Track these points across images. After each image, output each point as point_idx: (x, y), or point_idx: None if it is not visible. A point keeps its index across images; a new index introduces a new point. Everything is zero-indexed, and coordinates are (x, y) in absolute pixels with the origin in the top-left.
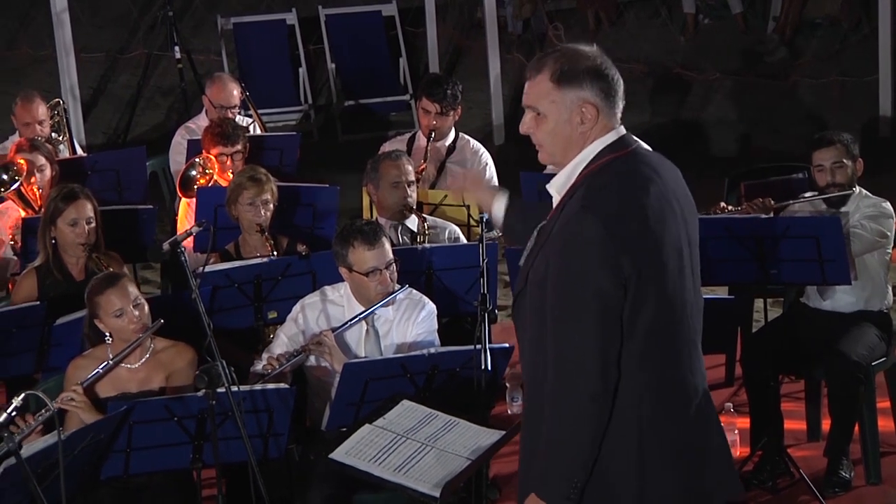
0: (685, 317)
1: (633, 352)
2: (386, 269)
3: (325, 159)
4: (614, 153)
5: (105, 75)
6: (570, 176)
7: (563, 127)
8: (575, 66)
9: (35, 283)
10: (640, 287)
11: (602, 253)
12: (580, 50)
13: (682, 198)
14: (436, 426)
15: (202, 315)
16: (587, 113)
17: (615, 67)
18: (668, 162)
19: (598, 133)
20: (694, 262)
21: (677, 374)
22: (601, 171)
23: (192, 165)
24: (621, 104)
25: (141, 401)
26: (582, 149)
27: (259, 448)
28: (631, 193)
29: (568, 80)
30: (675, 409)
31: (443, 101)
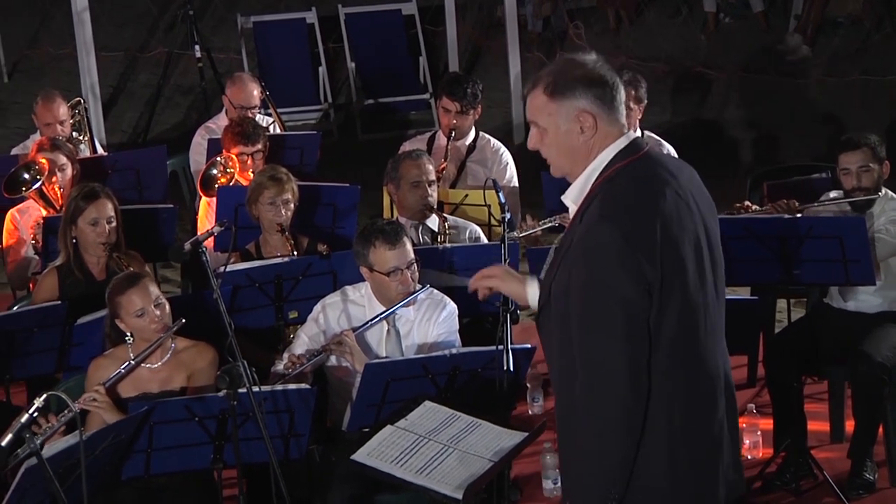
0: (708, 317)
1: (660, 357)
2: (407, 268)
3: (345, 158)
4: (627, 158)
5: (125, 74)
6: (584, 185)
7: (564, 138)
8: (566, 76)
9: (56, 283)
10: (664, 292)
11: (623, 261)
12: (573, 59)
13: (698, 197)
14: (458, 427)
15: (223, 315)
16: (585, 121)
17: (613, 72)
18: (682, 162)
19: (603, 140)
20: (715, 262)
21: (704, 377)
22: (615, 178)
23: (212, 164)
24: (625, 108)
25: (162, 401)
26: (590, 158)
27: (280, 449)
28: (647, 198)
29: (561, 91)
30: (704, 413)
31: (463, 99)
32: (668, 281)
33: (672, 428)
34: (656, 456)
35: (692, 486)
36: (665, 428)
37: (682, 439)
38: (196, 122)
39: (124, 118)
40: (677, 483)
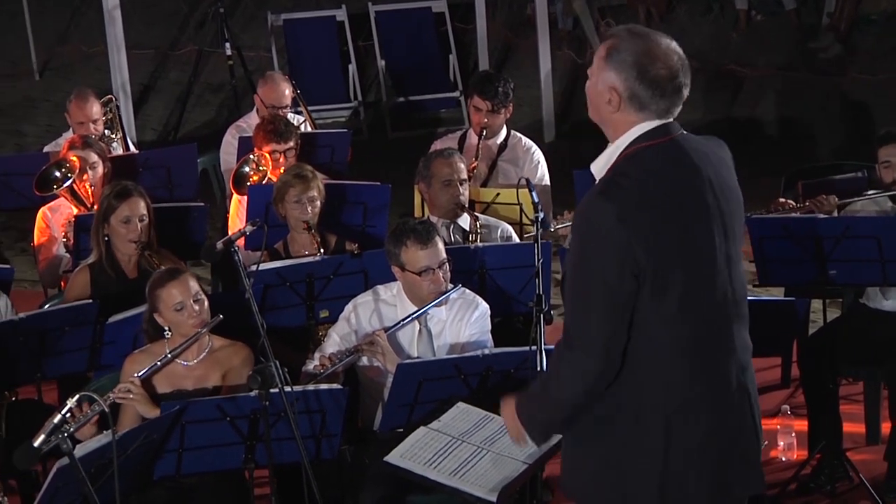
0: (717, 309)
1: (660, 343)
2: (439, 268)
3: (375, 156)
4: (651, 140)
5: (155, 72)
6: (609, 158)
7: (596, 98)
8: (624, 49)
9: (88, 281)
10: (660, 278)
11: (612, 243)
12: (647, 38)
13: (719, 189)
14: (491, 429)
15: (256, 315)
16: (612, 97)
17: (676, 67)
18: (716, 153)
19: (629, 120)
20: (731, 257)
21: (707, 367)
22: (632, 158)
23: (245, 162)
24: (671, 105)
25: (193, 401)
26: (618, 132)
27: (312, 449)
28: (654, 183)
29: (611, 60)
30: (705, 402)
31: (494, 98)
32: (665, 266)
33: (668, 416)
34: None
35: (687, 480)
36: (661, 415)
37: (678, 427)
38: (226, 119)
39: (154, 116)
40: (668, 473)
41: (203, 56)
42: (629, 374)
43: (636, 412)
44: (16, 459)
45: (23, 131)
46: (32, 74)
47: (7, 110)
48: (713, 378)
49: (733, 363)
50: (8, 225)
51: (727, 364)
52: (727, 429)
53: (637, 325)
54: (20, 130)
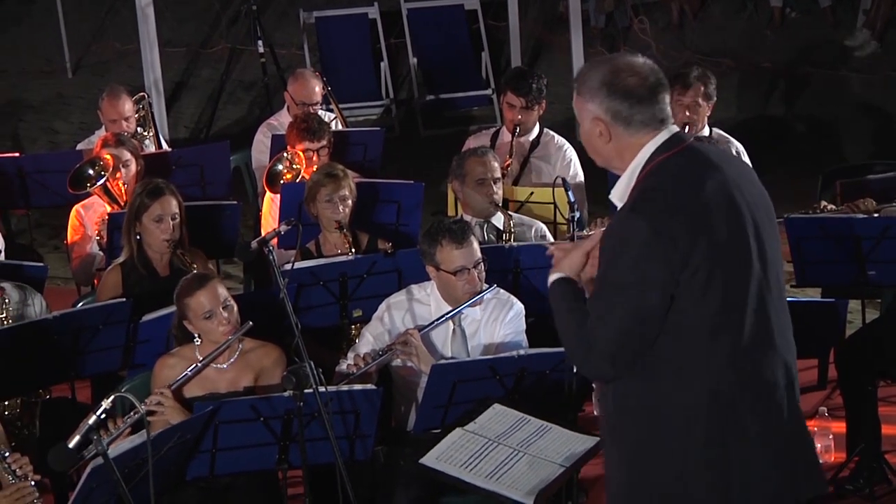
0: (754, 312)
1: (699, 350)
2: (474, 268)
3: (407, 154)
4: (667, 152)
5: (188, 69)
6: (629, 181)
7: (588, 137)
8: (593, 79)
9: (120, 280)
10: (699, 283)
11: (648, 252)
12: (608, 62)
13: (747, 191)
14: (528, 431)
15: (290, 315)
16: (599, 127)
17: (655, 74)
18: (731, 156)
19: (630, 143)
20: (766, 259)
21: (752, 371)
22: (654, 173)
23: (278, 160)
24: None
25: (227, 401)
26: (625, 159)
27: (345, 450)
28: (684, 190)
29: (583, 93)
30: (752, 405)
31: (528, 95)
32: (703, 270)
33: (714, 422)
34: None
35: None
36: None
37: (730, 433)
38: (258, 117)
39: (186, 113)
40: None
41: (235, 54)
42: (671, 381)
43: (683, 419)
44: (51, 461)
45: (56, 129)
46: (66, 72)
47: (40, 108)
48: (758, 380)
49: (778, 363)
50: (41, 222)
51: (772, 364)
52: (779, 431)
53: (677, 331)
54: (53, 128)
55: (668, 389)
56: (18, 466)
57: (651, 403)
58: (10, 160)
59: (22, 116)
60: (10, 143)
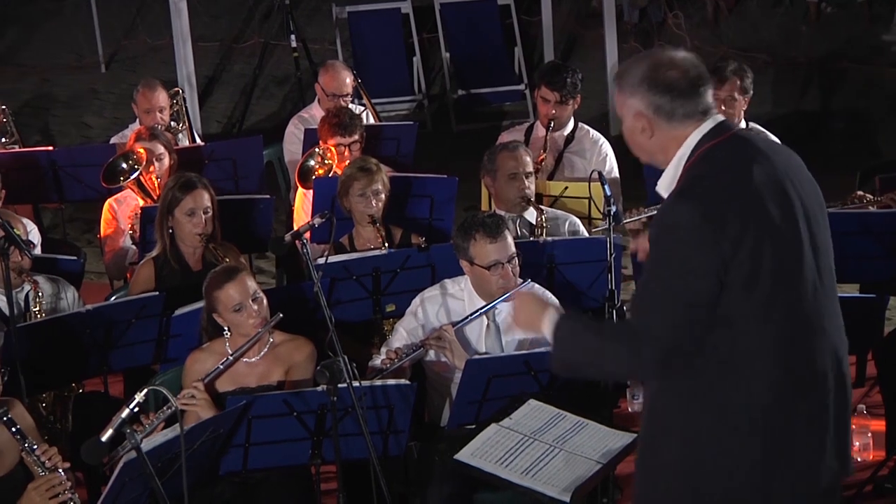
0: (807, 301)
1: (749, 338)
2: (508, 262)
3: (439, 149)
4: (713, 140)
5: (220, 64)
6: (674, 173)
7: (630, 133)
8: (634, 75)
9: (152, 274)
10: (750, 270)
11: (698, 238)
12: (649, 57)
13: (797, 179)
14: (564, 427)
15: (325, 309)
16: (641, 122)
17: (697, 68)
18: (780, 145)
19: (673, 135)
20: (818, 248)
21: (803, 360)
22: (701, 161)
23: (310, 155)
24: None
25: (260, 395)
26: (669, 152)
27: (379, 445)
28: (732, 176)
29: (624, 89)
30: (799, 396)
31: (563, 89)
32: (753, 257)
33: (762, 409)
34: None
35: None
36: (758, 408)
37: (774, 420)
38: (290, 112)
39: (219, 108)
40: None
41: (268, 49)
42: (717, 371)
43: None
44: (83, 454)
45: (88, 123)
46: (98, 67)
47: (73, 102)
48: (807, 371)
49: (828, 351)
50: (74, 216)
51: (823, 353)
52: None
53: (725, 321)
54: (85, 122)
55: (716, 380)
56: (48, 458)
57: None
58: (43, 154)
59: (53, 111)
60: (40, 137)
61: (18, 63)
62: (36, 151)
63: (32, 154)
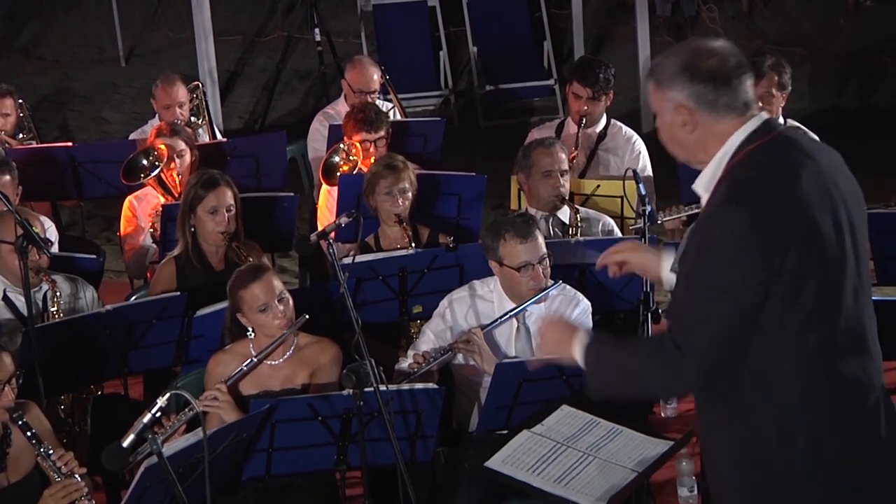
0: (849, 309)
1: (790, 349)
2: (539, 263)
3: (466, 146)
4: (758, 140)
5: (242, 58)
6: (715, 172)
7: (669, 129)
8: (671, 66)
9: (174, 273)
10: (795, 281)
11: (746, 248)
12: (685, 47)
13: (841, 182)
14: (598, 434)
15: (351, 311)
16: (682, 116)
17: (738, 57)
18: (822, 145)
19: (717, 130)
20: (859, 251)
21: (846, 371)
22: (745, 162)
23: (335, 152)
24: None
25: (284, 399)
26: (710, 150)
27: (406, 451)
28: (780, 182)
29: (662, 82)
30: (848, 408)
31: (595, 85)
32: (800, 268)
33: (813, 425)
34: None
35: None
36: (806, 424)
37: (825, 436)
38: (314, 107)
39: (241, 103)
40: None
41: (291, 42)
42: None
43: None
44: (105, 460)
45: (107, 118)
46: (118, 61)
47: (92, 96)
48: (852, 381)
49: (871, 363)
50: (93, 213)
51: (866, 365)
52: (876, 436)
53: (766, 332)
54: (105, 117)
55: (755, 397)
56: (64, 463)
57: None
58: (62, 150)
59: (72, 105)
60: (59, 132)
61: (38, 57)
62: (54, 147)
63: (51, 150)
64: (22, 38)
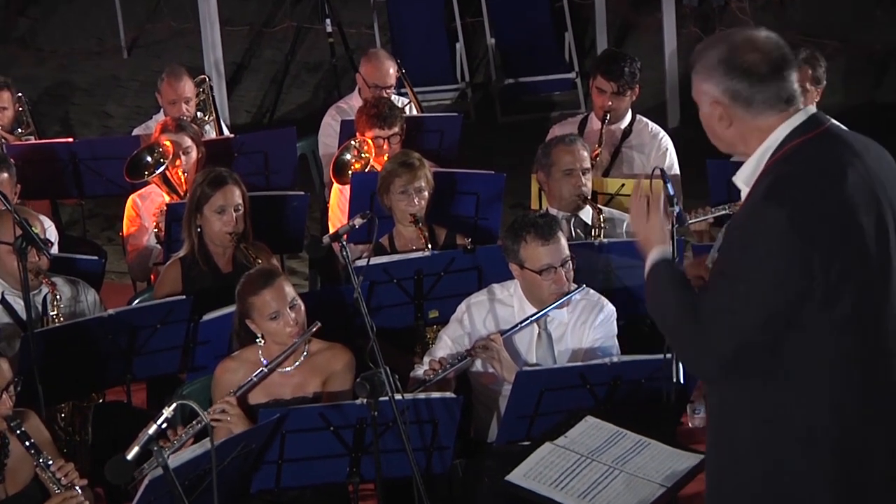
0: (887, 316)
1: (827, 352)
2: (561, 266)
3: (483, 142)
4: (804, 136)
5: (249, 50)
6: (756, 166)
7: (707, 121)
8: (709, 58)
9: (179, 275)
10: (835, 284)
11: (784, 252)
12: (725, 38)
13: (887, 181)
14: (624, 447)
15: (365, 316)
16: (717, 111)
17: (781, 49)
18: (870, 141)
19: (756, 126)
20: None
21: (885, 377)
22: (789, 158)
23: (346, 149)
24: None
25: (295, 408)
26: (751, 144)
27: (422, 462)
28: (824, 181)
29: (699, 74)
30: (881, 415)
31: (620, 79)
32: (840, 272)
33: (842, 433)
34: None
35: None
36: (836, 431)
37: (853, 446)
38: (324, 101)
39: (248, 97)
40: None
41: (301, 33)
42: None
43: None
44: (108, 474)
45: (109, 112)
46: (120, 52)
47: (93, 90)
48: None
49: None
50: (94, 212)
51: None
52: None
53: (802, 335)
54: (106, 111)
55: (785, 397)
56: (64, 474)
57: (765, 412)
58: (63, 146)
59: (73, 99)
60: (59, 127)
61: (36, 48)
62: (54, 143)
63: (51, 146)
64: (19, 27)
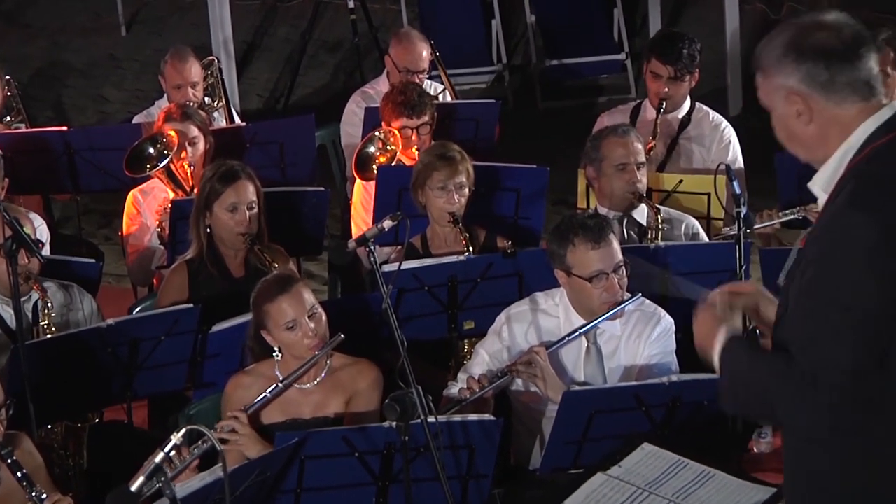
0: None
1: None
2: (614, 272)
3: (522, 131)
4: (890, 134)
5: (262, 27)
6: (836, 169)
7: (783, 123)
8: (774, 49)
9: (186, 280)
10: None
11: (874, 261)
12: (788, 26)
13: None
14: (685, 478)
15: (395, 330)
16: (795, 104)
17: (855, 29)
18: None
19: (839, 117)
20: None
21: None
22: (874, 160)
23: (370, 140)
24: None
25: (315, 431)
26: (831, 143)
27: (457, 492)
28: None
29: (768, 68)
30: None
31: (678, 62)
32: None
33: None
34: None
35: None
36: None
37: None
38: (345, 84)
39: (260, 79)
40: None
41: (320, 8)
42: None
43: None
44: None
45: (106, 96)
46: (118, 29)
47: (88, 71)
48: None
49: None
50: (90, 208)
51: None
52: None
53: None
54: (103, 95)
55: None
56: None
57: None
58: (56, 135)
59: (66, 81)
60: (51, 112)
61: (25, 23)
62: (47, 132)
63: (42, 135)
64: (5, 1)
